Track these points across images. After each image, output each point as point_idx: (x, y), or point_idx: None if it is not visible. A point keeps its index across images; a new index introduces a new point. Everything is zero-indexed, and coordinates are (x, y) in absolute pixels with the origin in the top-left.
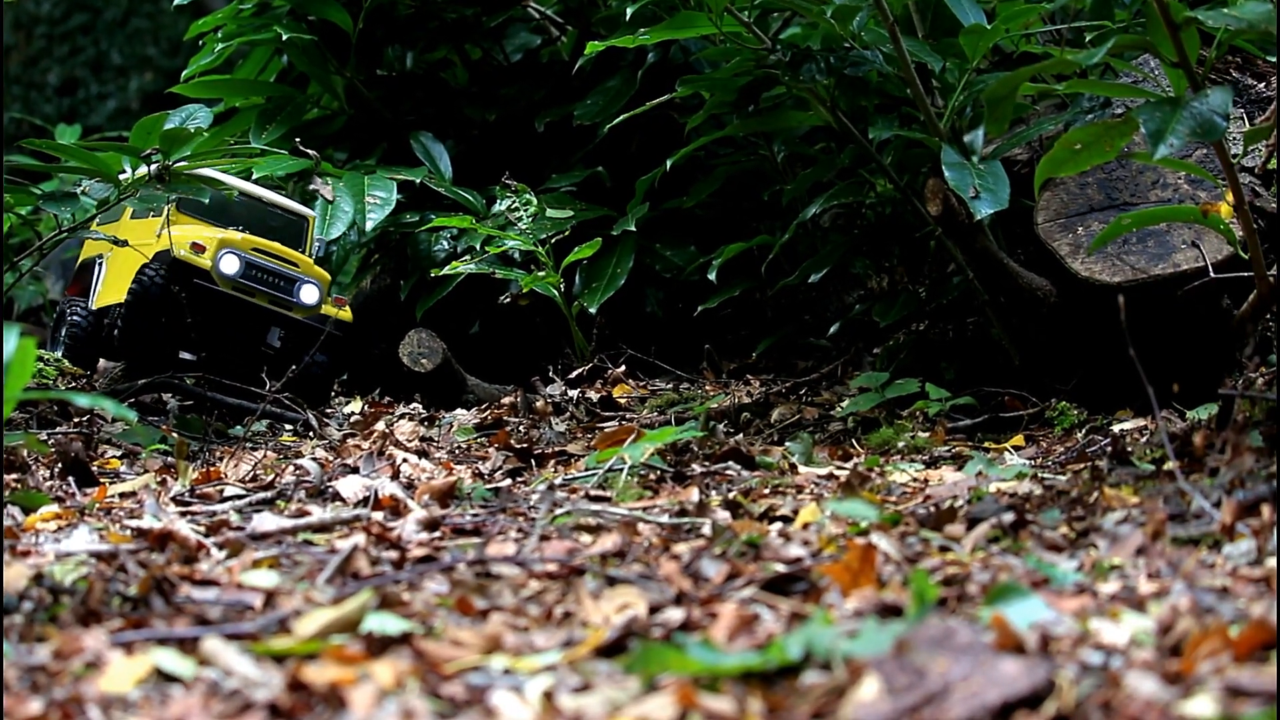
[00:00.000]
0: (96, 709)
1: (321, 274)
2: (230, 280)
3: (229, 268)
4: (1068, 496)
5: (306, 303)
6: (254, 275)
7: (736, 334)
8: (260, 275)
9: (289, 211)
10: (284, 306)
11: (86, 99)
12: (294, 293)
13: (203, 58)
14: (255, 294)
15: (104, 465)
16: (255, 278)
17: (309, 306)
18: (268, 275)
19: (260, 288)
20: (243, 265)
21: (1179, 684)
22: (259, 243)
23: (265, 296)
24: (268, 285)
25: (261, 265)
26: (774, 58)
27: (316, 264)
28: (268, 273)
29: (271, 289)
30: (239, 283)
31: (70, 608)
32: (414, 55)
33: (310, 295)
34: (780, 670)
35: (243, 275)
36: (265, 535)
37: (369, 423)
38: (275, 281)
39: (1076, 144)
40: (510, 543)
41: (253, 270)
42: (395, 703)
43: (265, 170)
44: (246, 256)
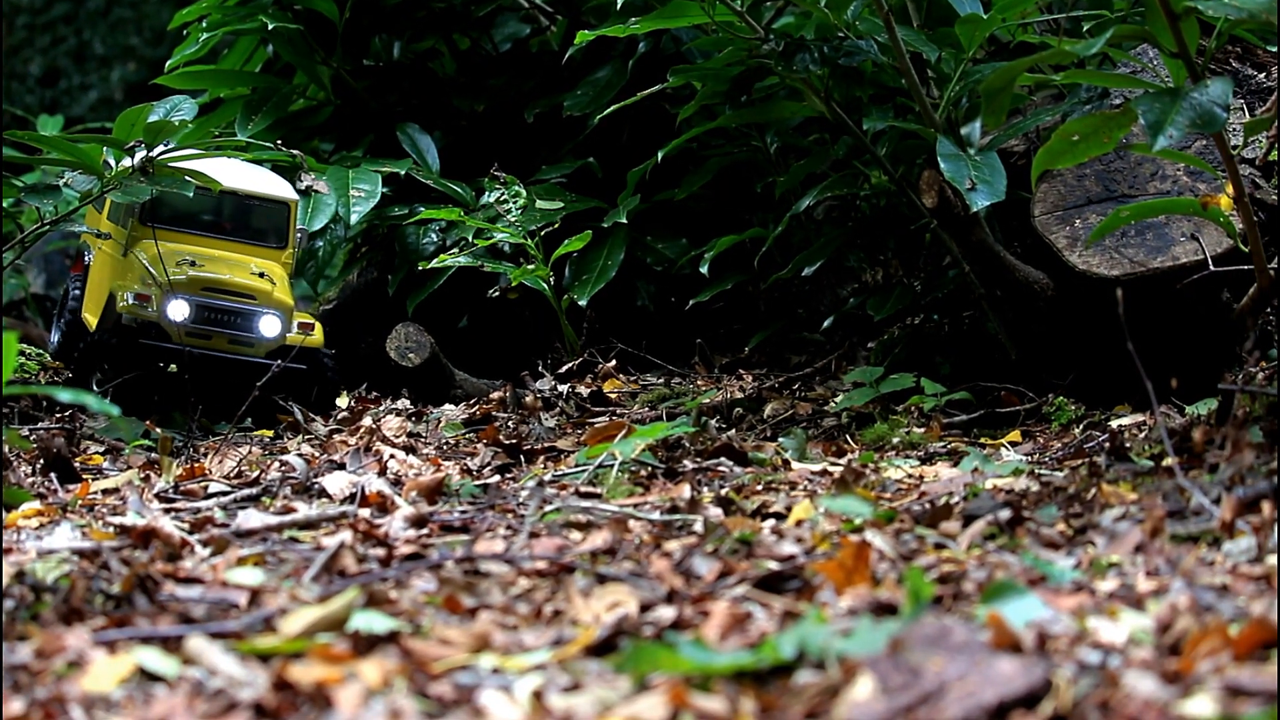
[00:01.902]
0: (79, 709)
1: (282, 300)
2: (181, 327)
3: (178, 314)
4: (1065, 493)
5: (268, 336)
6: (207, 317)
7: (729, 328)
8: (213, 316)
9: (268, 200)
10: (244, 344)
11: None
12: (253, 328)
13: (187, 47)
14: (211, 337)
15: (87, 461)
16: (209, 319)
17: (271, 340)
18: (221, 314)
19: (215, 329)
20: (193, 309)
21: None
22: (208, 278)
23: (222, 338)
24: (223, 325)
25: (213, 305)
26: (767, 47)
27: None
28: (221, 312)
29: (227, 328)
30: (192, 328)
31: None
32: (401, 45)
33: (271, 328)
34: (773, 669)
35: (195, 320)
36: (250, 532)
37: (355, 418)
38: (231, 319)
39: (1074, 135)
40: (499, 540)
41: (205, 312)
42: (382, 702)
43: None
44: (195, 299)
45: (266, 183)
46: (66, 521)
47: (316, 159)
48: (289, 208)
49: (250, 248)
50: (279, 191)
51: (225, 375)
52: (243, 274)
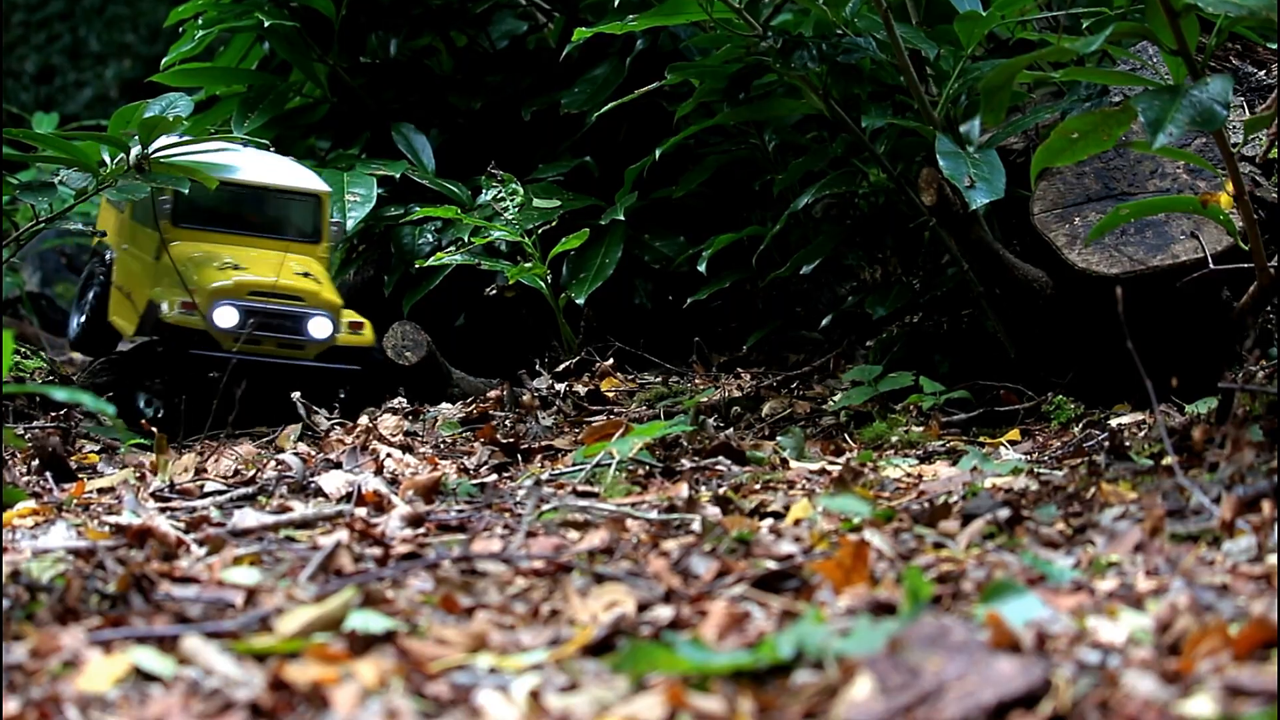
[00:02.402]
0: (74, 709)
1: (330, 300)
2: (229, 333)
3: (226, 321)
4: (1064, 492)
5: (318, 338)
6: (255, 322)
7: (727, 326)
8: (262, 320)
9: (298, 193)
10: (294, 348)
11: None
12: (303, 331)
13: (183, 45)
14: (260, 342)
15: (82, 460)
16: (257, 324)
17: (322, 341)
18: (270, 318)
19: (264, 334)
20: (241, 315)
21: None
22: (255, 282)
23: (272, 343)
24: (272, 329)
25: (261, 309)
26: (765, 44)
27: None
28: (270, 315)
29: (277, 332)
30: (239, 334)
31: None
32: (398, 42)
33: (322, 329)
34: (771, 669)
35: (243, 325)
36: (246, 532)
37: (352, 417)
38: (280, 323)
39: (1073, 133)
40: (496, 539)
41: (253, 317)
42: (379, 702)
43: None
44: (243, 304)
45: (295, 175)
46: (62, 521)
47: (313, 157)
48: (320, 200)
49: (284, 244)
50: (309, 184)
51: (275, 380)
52: (288, 275)
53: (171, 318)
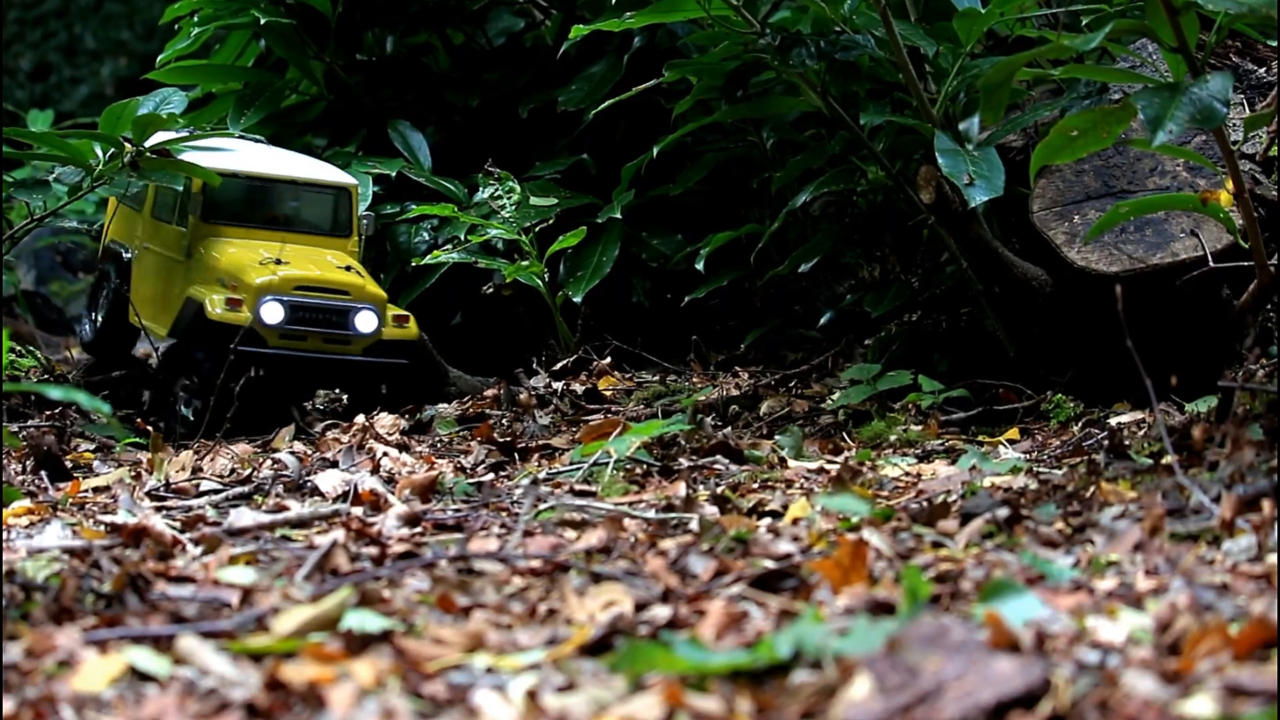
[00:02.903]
0: (69, 709)
1: (376, 293)
2: (275, 330)
3: (272, 317)
4: (1064, 491)
5: (364, 332)
6: (301, 317)
7: (725, 325)
8: (308, 315)
9: (328, 187)
10: (340, 343)
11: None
12: (349, 325)
13: (178, 42)
14: (306, 337)
15: (77, 459)
16: (303, 319)
17: (368, 335)
18: (316, 313)
19: (310, 329)
20: (286, 310)
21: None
22: (301, 276)
23: (318, 338)
24: (318, 324)
25: (307, 304)
26: (763, 42)
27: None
28: (316, 310)
29: (323, 327)
30: (286, 329)
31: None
32: (394, 39)
33: (368, 323)
34: (769, 669)
35: (289, 321)
36: (242, 531)
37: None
38: (326, 317)
39: (1073, 130)
40: (493, 538)
41: (299, 312)
42: (375, 702)
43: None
44: (289, 299)
45: (322, 169)
46: (57, 520)
47: (309, 154)
48: (350, 193)
49: (316, 238)
50: (337, 177)
51: (320, 376)
52: (331, 269)
53: (217, 315)
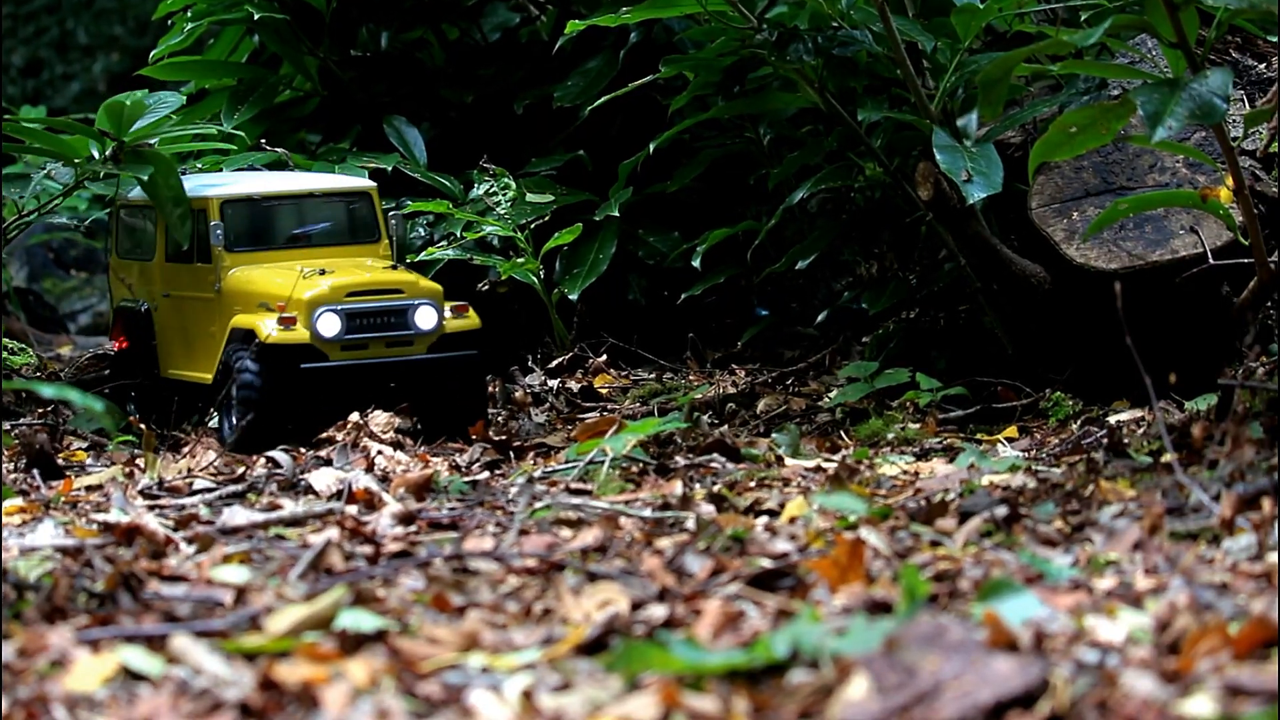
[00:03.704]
0: (62, 708)
1: (432, 287)
2: (336, 342)
3: (330, 329)
4: (1062, 490)
5: (425, 328)
6: (360, 324)
7: (721, 322)
8: (366, 321)
9: (346, 194)
10: (403, 344)
11: (51, 80)
12: (410, 324)
13: (171, 38)
14: (368, 345)
15: (70, 457)
16: (362, 326)
17: (429, 332)
18: (375, 317)
19: (371, 335)
20: (343, 320)
21: (1177, 683)
22: (351, 282)
23: (379, 343)
24: (378, 328)
25: (364, 310)
26: (760, 37)
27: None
28: (374, 315)
29: (382, 331)
30: (346, 340)
31: (35, 604)
32: (389, 35)
33: (428, 319)
34: (766, 668)
35: (348, 330)
36: (236, 530)
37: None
38: (386, 320)
39: (1072, 126)
40: (488, 537)
41: (357, 320)
42: (369, 702)
43: (235, 165)
44: (344, 308)
45: (335, 178)
46: (49, 518)
47: (303, 151)
48: (370, 197)
49: (344, 249)
50: (353, 183)
51: (384, 381)
52: (377, 270)
53: (273, 337)
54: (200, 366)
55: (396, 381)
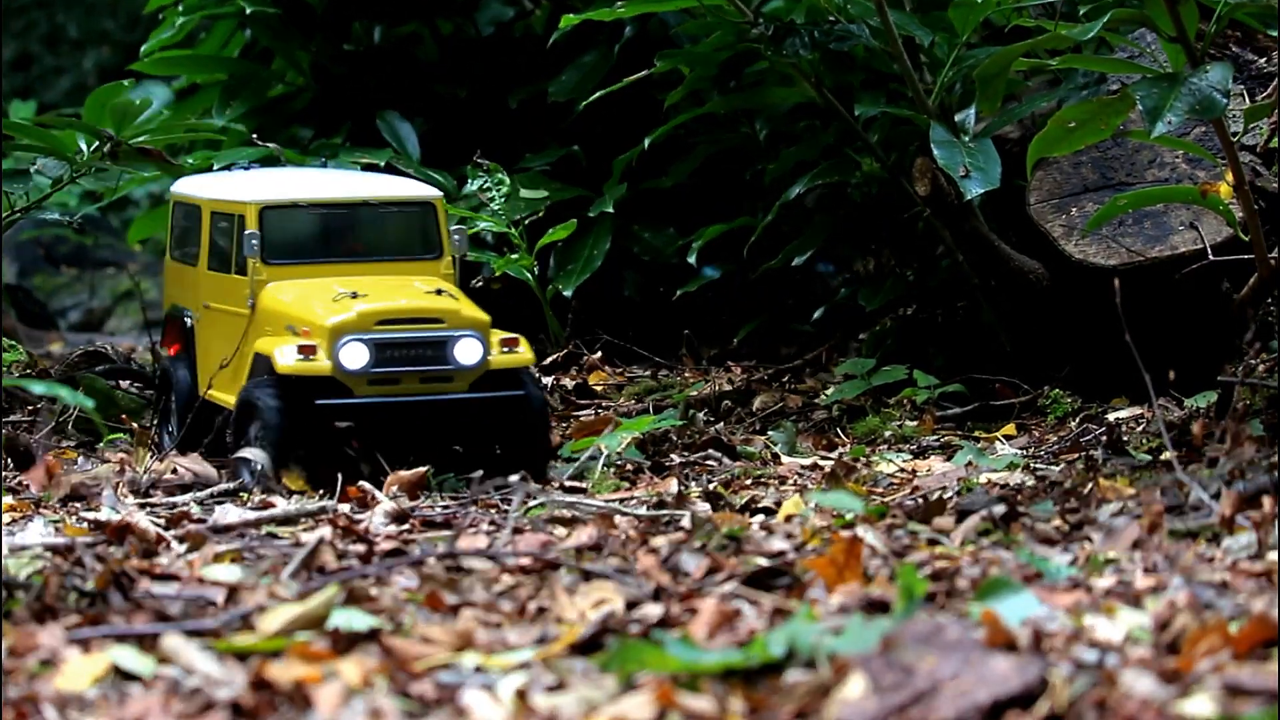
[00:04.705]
0: (52, 709)
1: (478, 316)
2: (361, 375)
3: (355, 361)
4: (1061, 488)
5: (467, 364)
6: (390, 357)
7: (717, 319)
8: (398, 353)
9: (406, 203)
10: (441, 380)
11: (42, 74)
12: (448, 358)
13: (162, 32)
14: (399, 380)
15: (60, 455)
16: (393, 358)
17: (472, 368)
18: (408, 349)
19: (402, 369)
20: (371, 351)
21: (1177, 682)
22: (383, 309)
23: (413, 379)
24: (411, 362)
25: (395, 341)
26: (756, 31)
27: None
28: (407, 346)
29: (418, 364)
30: (374, 374)
31: (25, 603)
32: (382, 29)
33: (470, 353)
34: (762, 668)
35: (376, 364)
36: (228, 528)
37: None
38: (420, 353)
39: (1070, 122)
40: (482, 536)
41: (387, 351)
42: (362, 702)
43: (227, 159)
44: (372, 337)
45: (398, 184)
46: (39, 517)
47: (295, 146)
48: (434, 207)
49: (399, 265)
50: (417, 191)
51: (419, 422)
52: (418, 295)
53: (288, 366)
54: (230, 389)
55: (432, 422)
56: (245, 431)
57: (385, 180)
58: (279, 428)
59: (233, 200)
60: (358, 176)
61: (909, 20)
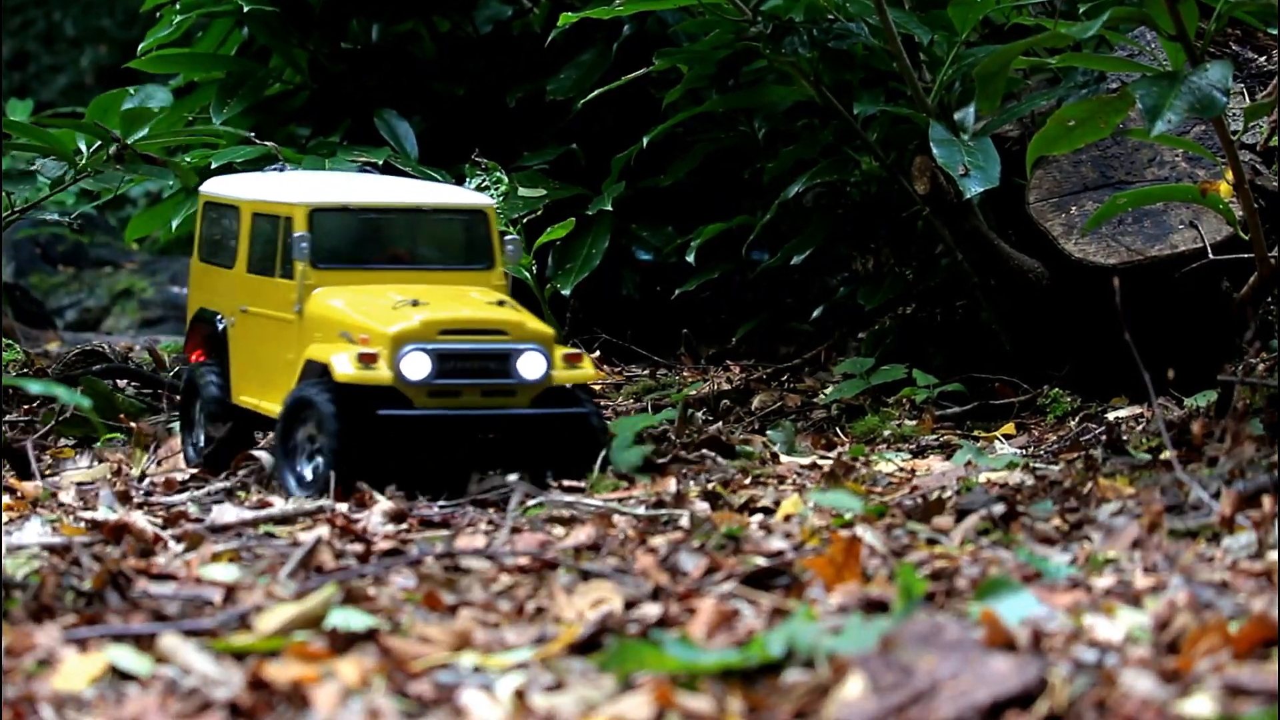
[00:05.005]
0: (50, 708)
1: (542, 330)
2: (422, 386)
3: (417, 371)
4: (1061, 487)
5: (530, 378)
6: (452, 368)
7: (715, 318)
8: (460, 365)
9: (458, 211)
10: (503, 394)
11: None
12: (511, 371)
13: (160, 30)
14: (460, 392)
15: (58, 454)
16: (454, 370)
17: (535, 382)
18: (470, 361)
19: (464, 381)
20: (434, 362)
21: (1176, 682)
22: (446, 319)
23: (474, 391)
24: (473, 374)
25: (458, 352)
26: (755, 30)
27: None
28: (469, 358)
29: (480, 377)
30: (435, 385)
31: (22, 603)
32: (380, 27)
33: (534, 367)
34: (761, 668)
35: (437, 374)
36: (225, 528)
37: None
38: (483, 365)
39: (1070, 120)
40: (480, 535)
41: (449, 362)
42: (360, 702)
43: (225, 158)
44: (435, 347)
45: (449, 192)
46: (36, 516)
47: (293, 145)
48: (486, 216)
49: (450, 274)
50: (469, 199)
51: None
52: (481, 306)
53: (347, 375)
54: (272, 396)
55: (491, 438)
56: (293, 435)
57: (435, 187)
58: (338, 434)
59: (279, 201)
60: (403, 182)
61: (908, 18)
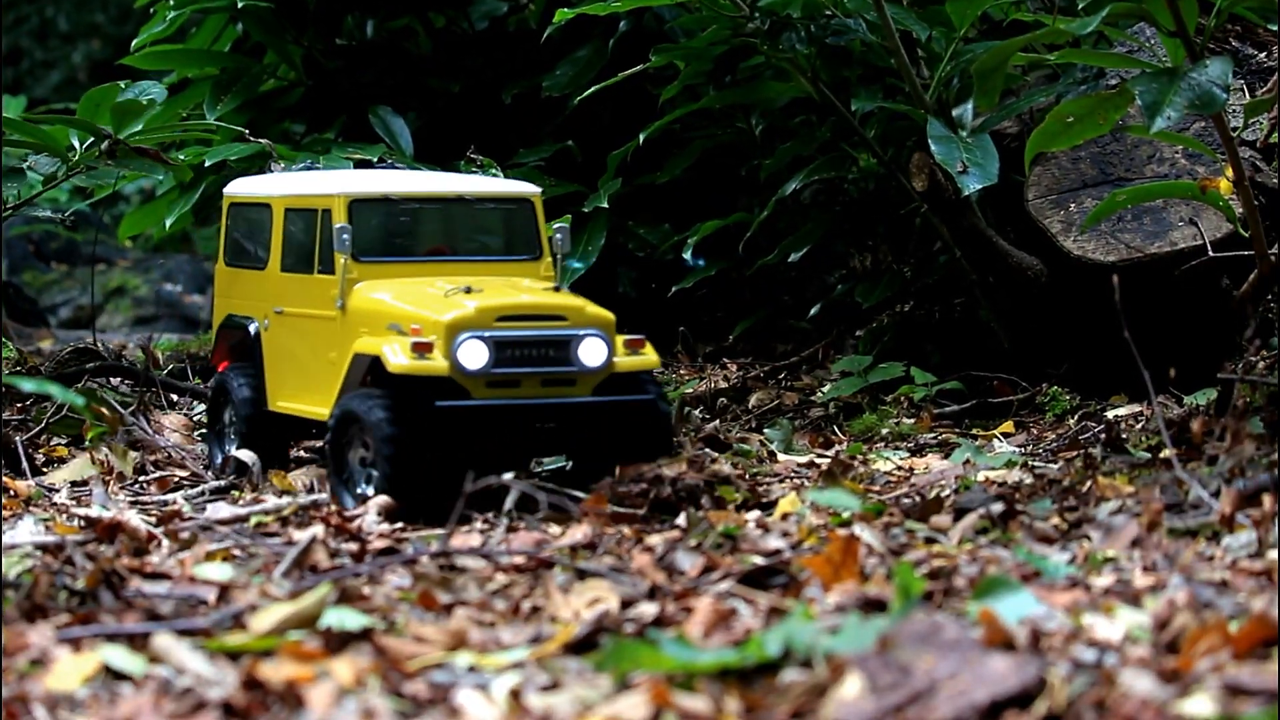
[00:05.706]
0: (43, 708)
1: (602, 315)
2: (481, 376)
3: (475, 360)
4: (1060, 486)
5: (592, 365)
6: (511, 356)
7: (713, 315)
8: (518, 353)
9: (504, 200)
10: (563, 383)
11: (31, 69)
12: (572, 359)
13: (153, 26)
14: (519, 382)
15: (51, 453)
16: (513, 358)
17: (596, 370)
18: (529, 348)
19: (523, 370)
20: (492, 350)
21: (1176, 682)
22: (503, 305)
23: (534, 380)
24: (533, 362)
25: (516, 339)
26: (752, 26)
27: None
28: (528, 346)
29: (539, 365)
30: (493, 374)
31: (15, 602)
32: (375, 23)
33: (595, 353)
34: (758, 667)
35: (496, 363)
36: (219, 525)
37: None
38: (542, 353)
39: (1069, 116)
40: (476, 534)
41: (508, 350)
42: (355, 701)
43: (219, 155)
44: (493, 334)
45: (491, 181)
46: (29, 515)
47: (288, 141)
48: (532, 205)
49: (497, 265)
50: (515, 188)
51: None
52: (536, 292)
53: (401, 366)
54: (315, 399)
55: (549, 429)
56: (345, 461)
57: (477, 177)
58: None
59: (315, 194)
60: (449, 175)
61: (906, 14)
